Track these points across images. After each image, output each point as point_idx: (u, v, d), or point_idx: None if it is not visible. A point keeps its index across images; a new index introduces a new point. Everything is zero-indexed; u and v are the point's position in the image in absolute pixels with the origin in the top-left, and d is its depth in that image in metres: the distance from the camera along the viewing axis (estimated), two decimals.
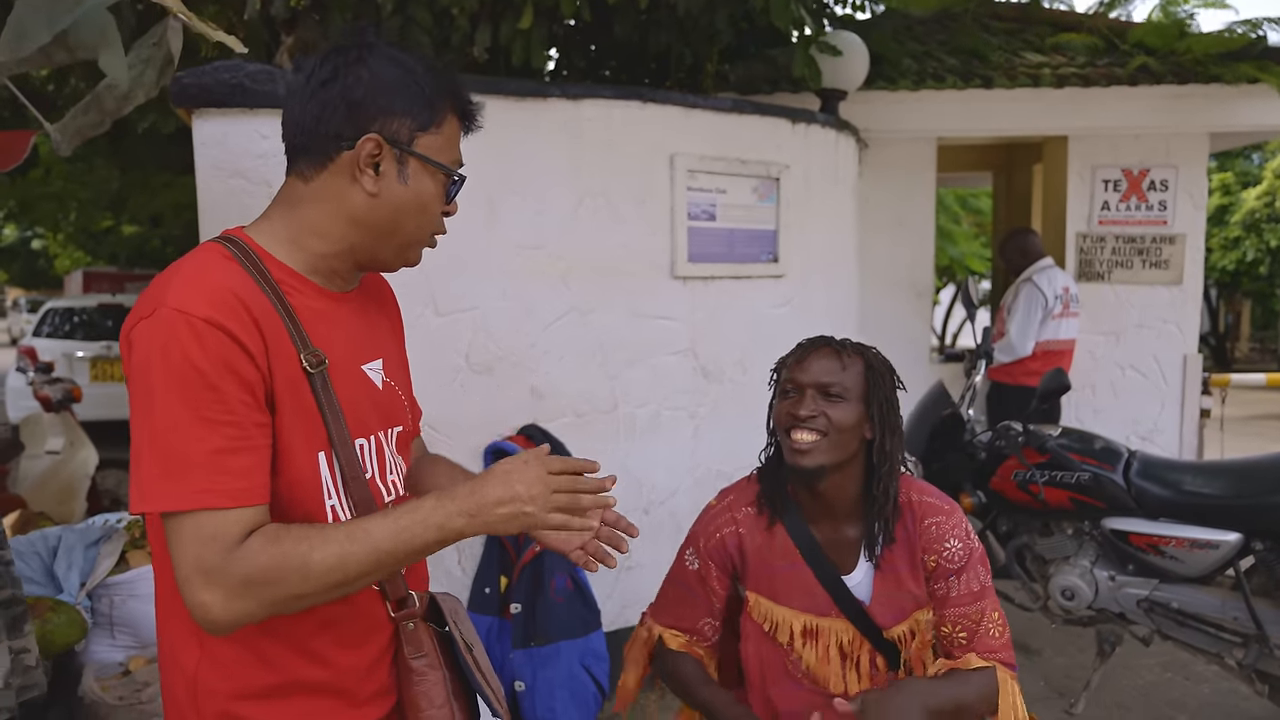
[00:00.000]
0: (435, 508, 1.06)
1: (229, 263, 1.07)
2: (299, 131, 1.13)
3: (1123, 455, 3.10)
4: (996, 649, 1.61)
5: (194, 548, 0.97)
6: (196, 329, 0.99)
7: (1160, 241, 4.99)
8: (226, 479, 0.99)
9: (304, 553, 1.00)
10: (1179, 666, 3.52)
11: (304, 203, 1.14)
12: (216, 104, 2.71)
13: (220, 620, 0.98)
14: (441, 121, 1.16)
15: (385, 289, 1.37)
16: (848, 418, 1.56)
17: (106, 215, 11.09)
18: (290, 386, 1.07)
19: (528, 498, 1.07)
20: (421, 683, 1.21)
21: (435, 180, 1.16)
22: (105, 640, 2.68)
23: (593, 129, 3.10)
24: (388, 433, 1.23)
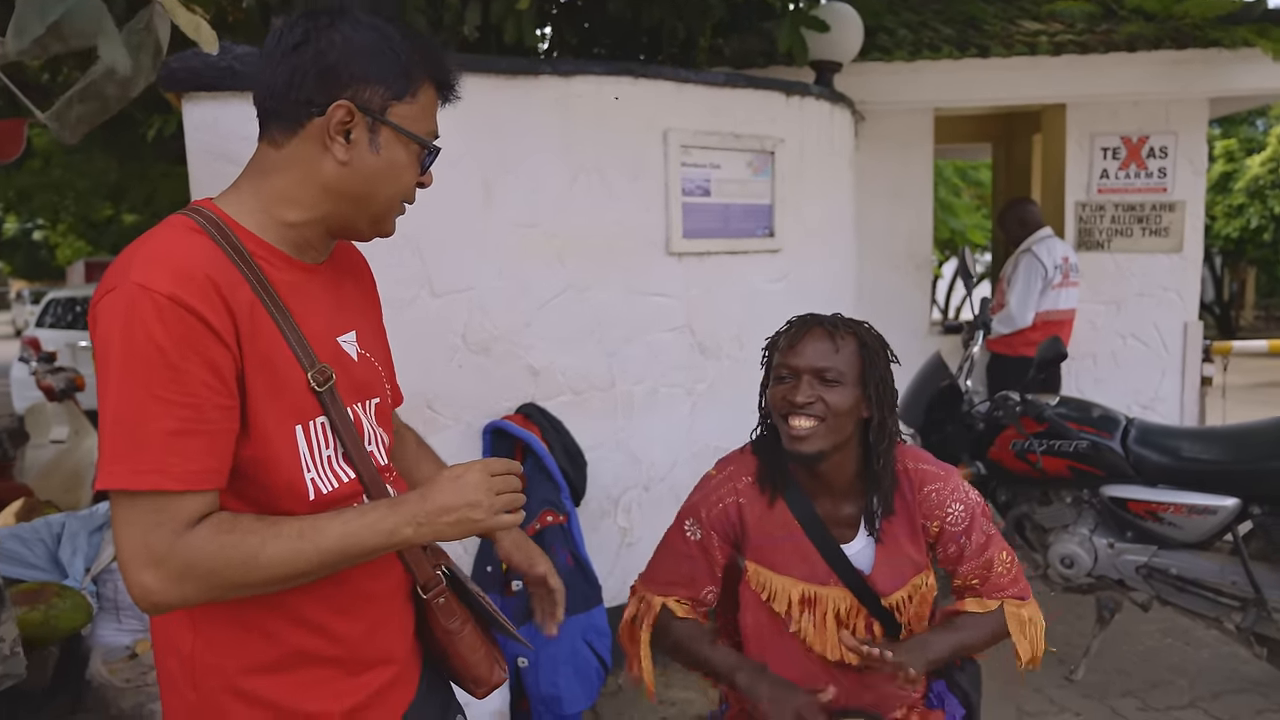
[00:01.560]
0: (385, 515, 1.07)
1: (197, 235, 1.05)
2: (269, 95, 1.11)
3: (1121, 423, 3.11)
4: (1005, 586, 1.66)
5: (140, 529, 0.97)
6: (159, 306, 0.97)
7: (1160, 209, 4.96)
8: (178, 461, 0.97)
9: (253, 545, 1.00)
10: (1179, 632, 3.54)
11: (274, 170, 1.12)
12: (206, 88, 2.71)
13: (157, 602, 0.98)
14: (417, 91, 1.14)
15: (359, 260, 1.36)
16: (845, 401, 1.55)
17: (106, 205, 11.07)
18: (263, 364, 1.06)
19: (474, 503, 1.09)
20: (460, 640, 1.30)
21: (409, 150, 1.15)
22: (111, 624, 2.71)
23: (585, 105, 3.08)
24: (365, 404, 1.22)
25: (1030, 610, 1.67)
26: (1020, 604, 1.66)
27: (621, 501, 3.30)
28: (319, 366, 1.11)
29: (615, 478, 3.27)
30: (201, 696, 1.11)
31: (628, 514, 3.31)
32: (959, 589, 1.69)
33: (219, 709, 1.11)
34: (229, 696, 1.10)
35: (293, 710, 1.13)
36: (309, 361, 1.10)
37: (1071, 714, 2.99)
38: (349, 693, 1.17)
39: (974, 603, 1.67)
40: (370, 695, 1.20)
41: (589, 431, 3.13)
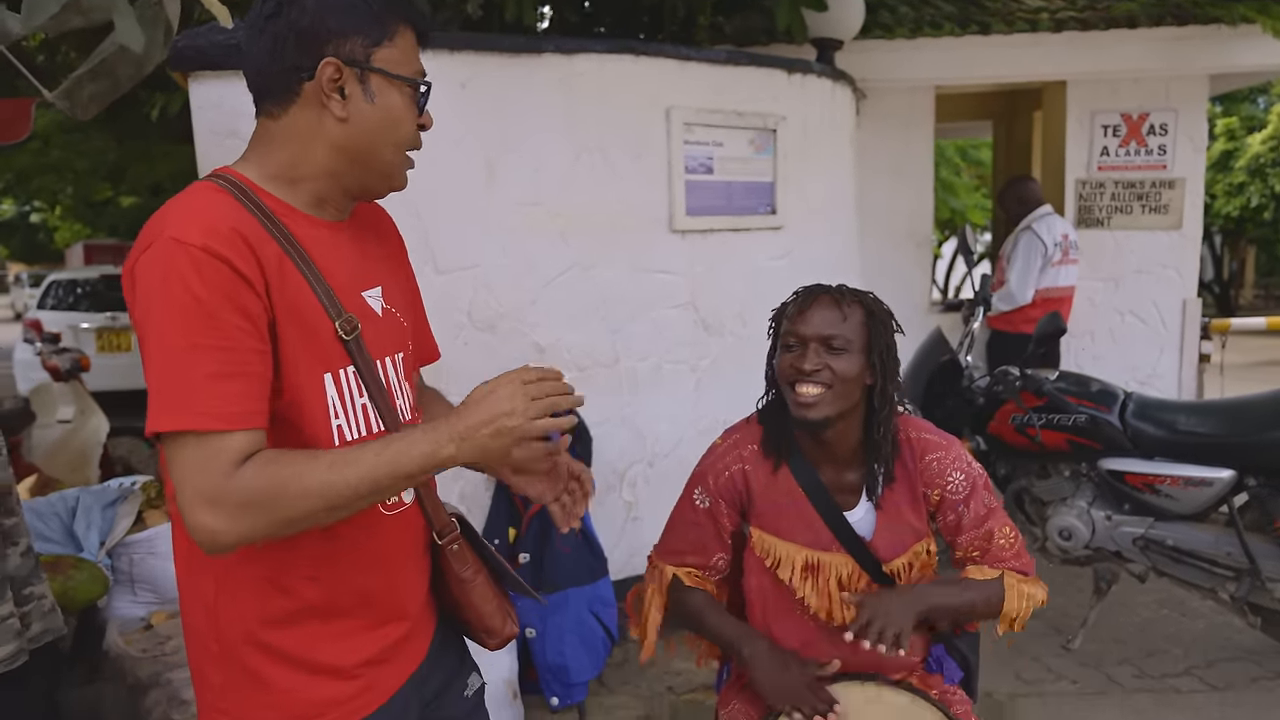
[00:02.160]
0: (423, 436, 1.08)
1: (222, 194, 1.09)
2: (257, 72, 1.15)
3: (1119, 397, 3.14)
4: (1007, 559, 1.67)
5: (193, 470, 1.00)
6: (194, 258, 1.01)
7: (1160, 186, 4.98)
8: (222, 403, 1.01)
9: (300, 476, 1.03)
10: (1175, 603, 3.59)
11: (278, 141, 1.15)
12: (212, 66, 2.73)
13: (221, 542, 1.02)
14: (394, 34, 1.16)
15: (384, 220, 1.38)
16: (851, 368, 1.58)
17: (105, 186, 11.06)
18: (292, 312, 1.09)
19: (509, 411, 1.08)
20: (474, 589, 1.34)
21: (402, 93, 1.17)
22: (126, 597, 2.75)
23: (587, 84, 3.10)
24: (391, 358, 1.25)
25: (1032, 587, 1.68)
26: (1022, 578, 1.67)
27: (627, 476, 3.34)
28: (345, 316, 1.14)
29: (620, 453, 3.31)
30: (224, 648, 1.15)
31: (633, 489, 3.35)
32: (959, 561, 1.71)
33: (240, 659, 1.15)
34: (249, 648, 1.15)
35: (310, 662, 1.17)
36: (335, 311, 1.14)
37: (1069, 682, 3.05)
38: (364, 646, 1.21)
39: (975, 569, 1.68)
40: (384, 649, 1.24)
41: (594, 408, 3.17)
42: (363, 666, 1.21)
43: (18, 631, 1.66)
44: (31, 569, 1.75)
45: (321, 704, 1.18)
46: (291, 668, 1.16)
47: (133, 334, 9.18)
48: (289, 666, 1.16)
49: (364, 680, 1.22)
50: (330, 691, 1.19)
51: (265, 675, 1.15)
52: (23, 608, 1.69)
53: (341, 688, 1.19)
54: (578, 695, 2.84)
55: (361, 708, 1.21)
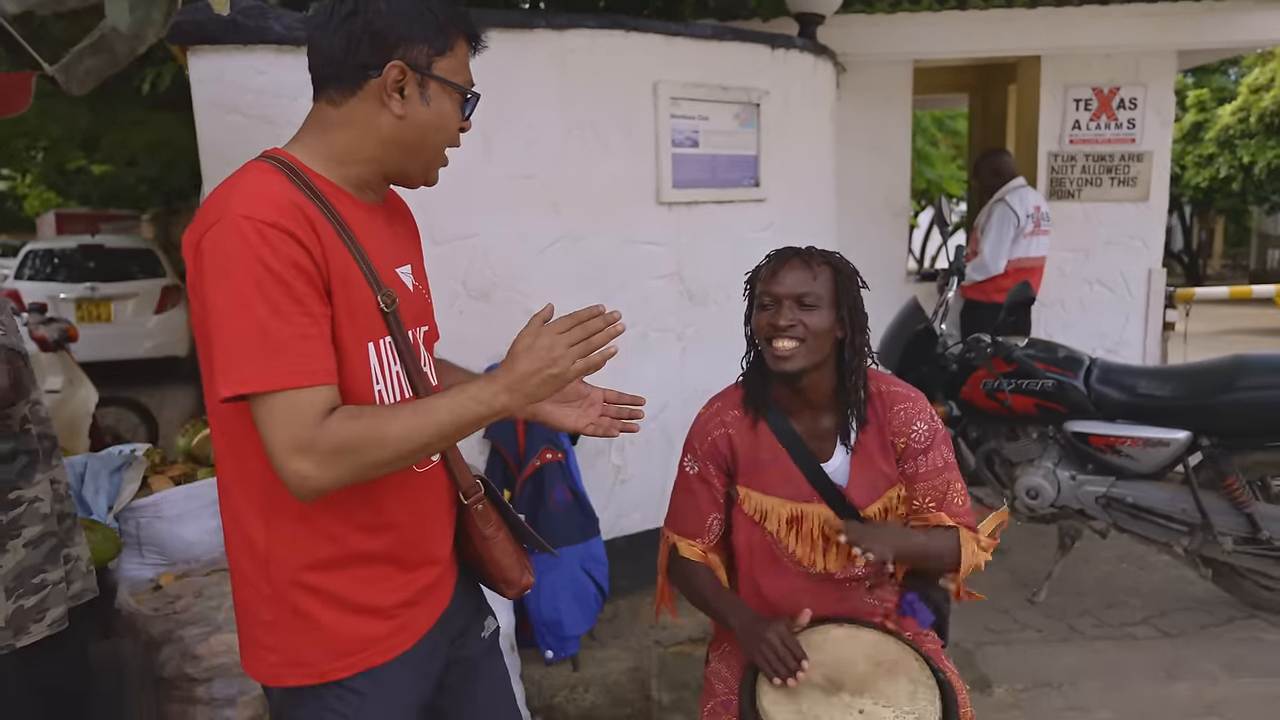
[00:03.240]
0: (483, 387, 1.20)
1: (277, 175, 1.20)
2: (327, 62, 1.25)
3: (1084, 362, 3.31)
4: (960, 514, 1.81)
5: (287, 423, 1.11)
6: (264, 232, 1.11)
7: (1128, 159, 5.13)
8: (308, 361, 1.12)
9: (381, 425, 1.15)
10: (1134, 558, 3.80)
11: (335, 126, 1.26)
12: (211, 41, 2.78)
13: (314, 486, 1.13)
14: (454, 45, 1.28)
15: (402, 204, 1.51)
16: (822, 323, 1.71)
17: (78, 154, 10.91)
18: (342, 284, 1.20)
19: (552, 360, 1.20)
20: (495, 545, 1.46)
21: (453, 100, 1.29)
22: (135, 559, 2.85)
23: (578, 59, 3.17)
24: (418, 331, 1.37)
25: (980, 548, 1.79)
26: (972, 535, 1.80)
27: (615, 442, 3.46)
28: (386, 290, 1.26)
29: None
30: (275, 590, 1.27)
31: (621, 453, 3.48)
32: (916, 510, 1.82)
33: (289, 600, 1.27)
34: (298, 589, 1.26)
35: (352, 601, 1.29)
36: (377, 285, 1.25)
37: (1034, 631, 3.24)
38: (400, 588, 1.34)
39: (933, 516, 1.80)
40: (417, 591, 1.37)
41: None
42: (399, 608, 1.34)
43: (65, 594, 1.76)
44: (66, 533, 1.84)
45: (363, 640, 1.30)
46: (336, 608, 1.28)
47: (113, 304, 9.11)
48: (334, 607, 1.28)
49: (400, 620, 1.34)
50: (371, 630, 1.31)
51: (313, 614, 1.27)
52: (65, 566, 1.79)
53: (381, 626, 1.32)
54: (571, 648, 2.99)
55: (398, 645, 1.34)
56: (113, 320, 8.87)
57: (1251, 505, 3.07)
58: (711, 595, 1.82)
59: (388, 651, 1.33)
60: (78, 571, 1.84)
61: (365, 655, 1.31)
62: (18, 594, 1.63)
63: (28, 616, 1.64)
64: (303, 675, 1.29)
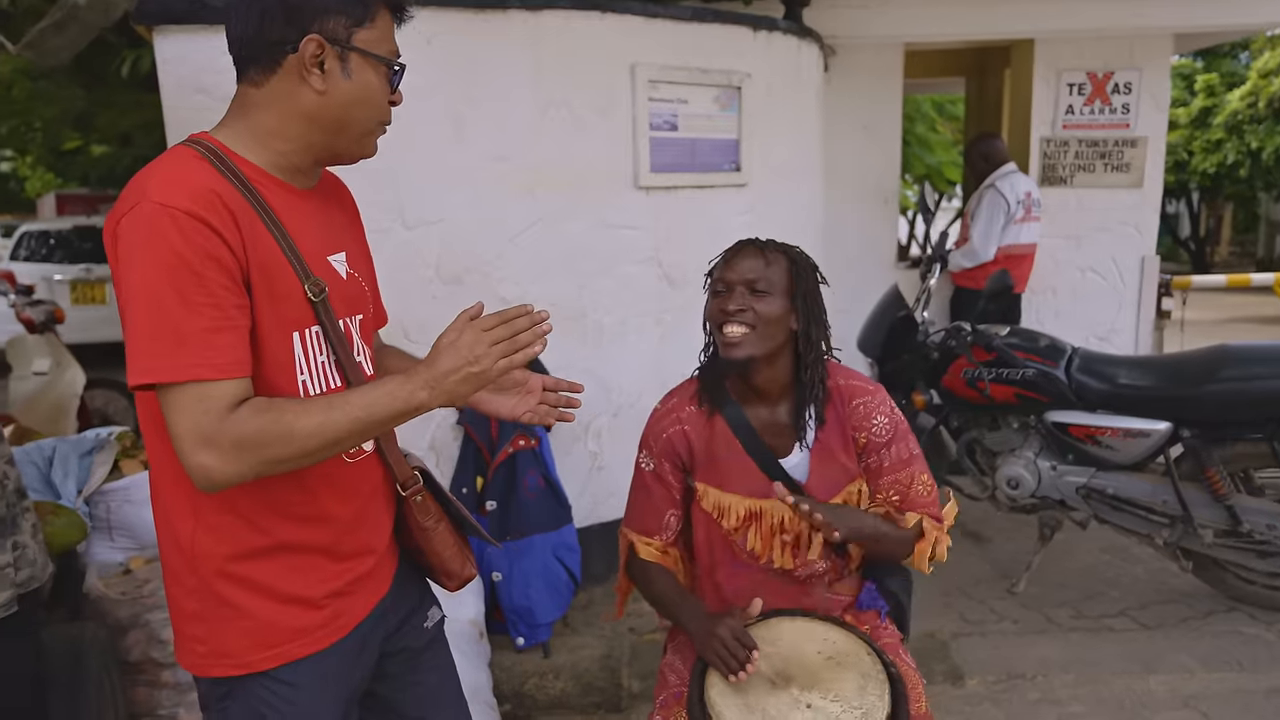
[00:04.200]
0: (401, 384, 1.18)
1: (200, 160, 1.17)
2: (243, 42, 1.22)
3: (1066, 352, 3.27)
4: (926, 504, 1.78)
5: (191, 415, 1.09)
6: (178, 221, 1.08)
7: (1122, 145, 5.06)
8: (214, 354, 1.10)
9: (289, 420, 1.12)
10: (1117, 550, 3.77)
11: (258, 107, 1.23)
12: (176, 20, 2.74)
13: (217, 480, 1.11)
14: (374, 15, 1.24)
15: (342, 188, 1.47)
16: (773, 310, 1.68)
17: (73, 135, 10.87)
18: (264, 274, 1.17)
19: (472, 358, 1.18)
20: (435, 537, 1.45)
21: (378, 72, 1.25)
22: (105, 543, 2.84)
23: (553, 40, 3.12)
24: (352, 319, 1.34)
25: (943, 534, 1.78)
26: (936, 524, 1.78)
27: (592, 427, 3.44)
28: (314, 279, 1.23)
29: (586, 405, 3.37)
30: (200, 580, 1.25)
31: (598, 439, 3.46)
32: (881, 503, 1.79)
33: (215, 590, 1.25)
34: (223, 579, 1.24)
35: (280, 592, 1.27)
36: (304, 274, 1.22)
37: (1010, 622, 3.21)
38: (331, 578, 1.32)
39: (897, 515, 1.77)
40: (349, 582, 1.35)
41: (560, 360, 3.24)
42: (329, 598, 1.32)
43: (12, 580, 1.75)
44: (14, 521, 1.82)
45: (291, 631, 1.29)
46: (264, 598, 1.26)
47: (108, 286, 9.12)
48: (262, 596, 1.26)
49: (331, 610, 1.32)
50: (300, 620, 1.29)
51: (239, 604, 1.25)
52: (13, 553, 1.78)
53: (310, 616, 1.30)
54: (542, 635, 2.98)
55: (328, 635, 1.32)
56: (107, 302, 8.87)
57: (1232, 497, 3.04)
58: (668, 598, 1.80)
59: (318, 642, 1.31)
60: (25, 559, 1.82)
61: (294, 646, 1.29)
62: None
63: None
64: (229, 666, 1.28)
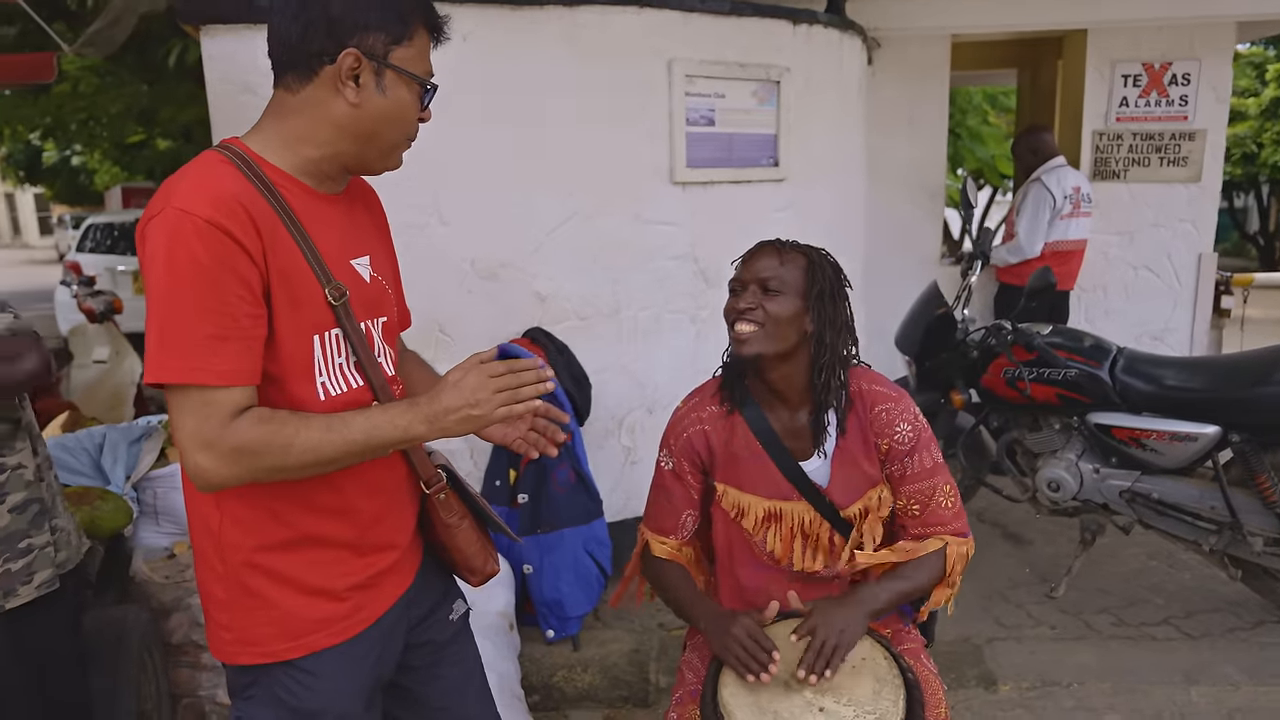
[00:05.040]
0: (402, 413, 1.22)
1: (228, 167, 1.21)
2: (283, 48, 1.25)
3: (1110, 352, 3.18)
4: (947, 520, 1.75)
5: (192, 418, 1.14)
6: (199, 228, 1.12)
7: (1180, 138, 4.90)
8: (220, 361, 1.14)
9: (288, 434, 1.16)
10: (1163, 556, 3.66)
11: (292, 113, 1.26)
12: (221, 19, 2.81)
13: (213, 481, 1.16)
14: (413, 35, 1.27)
15: (370, 193, 1.50)
16: (784, 310, 1.66)
17: (137, 129, 11.22)
18: (284, 279, 1.21)
19: (474, 402, 1.22)
20: (458, 534, 1.48)
21: (410, 90, 1.28)
22: (151, 528, 2.94)
23: (590, 36, 3.13)
24: (374, 322, 1.37)
25: (969, 548, 1.75)
26: (962, 541, 1.75)
27: (626, 422, 3.45)
28: (335, 284, 1.26)
29: (620, 400, 3.42)
30: (228, 569, 1.29)
31: (631, 434, 3.47)
32: (900, 512, 1.77)
33: (241, 580, 1.29)
34: (249, 570, 1.29)
35: (303, 583, 1.31)
36: (325, 278, 1.25)
37: (1047, 627, 3.15)
38: (354, 572, 1.35)
39: (914, 546, 1.73)
40: (371, 576, 1.38)
41: (595, 355, 3.27)
42: (352, 590, 1.35)
43: (52, 559, 1.82)
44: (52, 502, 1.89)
45: (315, 622, 1.32)
46: (288, 589, 1.30)
47: None
48: (286, 587, 1.30)
49: (353, 602, 1.36)
50: (323, 611, 1.33)
51: (264, 594, 1.29)
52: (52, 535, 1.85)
53: (333, 608, 1.34)
54: (572, 628, 3.01)
55: (351, 627, 1.36)
56: None
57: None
58: (683, 597, 1.80)
59: (340, 634, 1.35)
60: (63, 541, 1.89)
61: (317, 636, 1.33)
62: (4, 557, 1.68)
63: (15, 579, 1.70)
64: (254, 654, 1.32)
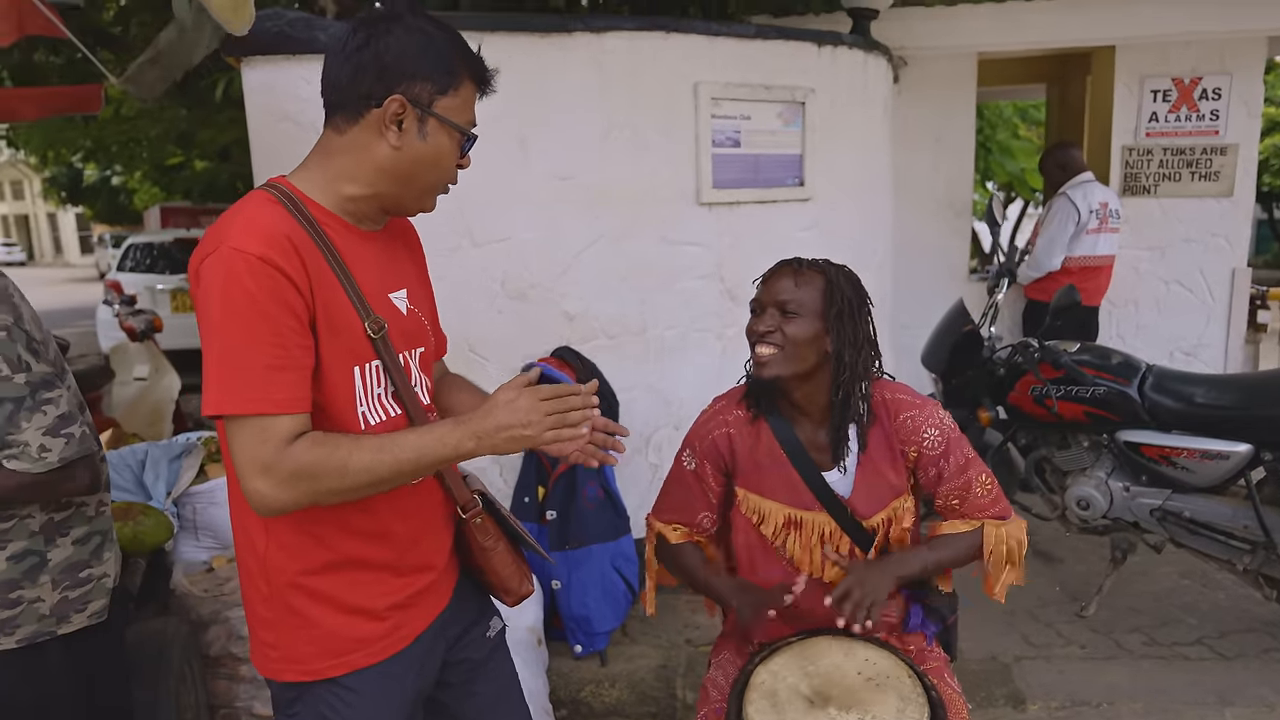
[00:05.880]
0: (451, 430, 1.27)
1: (275, 206, 1.27)
2: (335, 89, 1.31)
3: (1139, 369, 3.17)
4: (986, 506, 1.79)
5: (251, 446, 1.19)
6: (251, 265, 1.18)
7: (1211, 153, 4.87)
8: (274, 390, 1.19)
9: (343, 456, 1.22)
10: (1197, 574, 3.62)
11: (338, 153, 1.32)
12: (262, 52, 2.90)
13: (272, 506, 1.21)
14: (459, 86, 1.32)
15: (409, 229, 1.56)
16: (802, 332, 1.69)
17: (176, 151, 11.50)
18: (328, 312, 1.26)
19: (525, 423, 1.26)
20: (494, 556, 1.53)
21: (451, 138, 1.34)
22: (191, 542, 3.02)
23: (617, 61, 3.19)
24: (412, 352, 1.43)
25: (1011, 527, 1.79)
26: (1000, 522, 1.79)
27: (653, 440, 3.49)
28: (374, 317, 1.32)
29: (647, 418, 3.46)
30: (272, 589, 1.35)
31: (658, 452, 3.50)
32: (940, 509, 1.82)
33: (285, 600, 1.35)
34: (293, 591, 1.34)
35: (345, 603, 1.36)
36: (365, 312, 1.31)
37: (1077, 646, 3.13)
38: (393, 591, 1.40)
39: (951, 525, 1.80)
40: (410, 596, 1.43)
41: (622, 374, 3.31)
42: (391, 610, 1.40)
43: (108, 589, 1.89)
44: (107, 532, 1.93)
45: (356, 641, 1.38)
46: (330, 609, 1.35)
47: None
48: (328, 607, 1.35)
49: (393, 621, 1.41)
50: (364, 630, 1.38)
51: (307, 614, 1.35)
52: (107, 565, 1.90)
53: (373, 627, 1.39)
54: (599, 644, 3.04)
55: (391, 646, 1.41)
56: None
57: None
58: (699, 571, 1.86)
59: (381, 652, 1.40)
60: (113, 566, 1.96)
61: (358, 655, 1.38)
62: (64, 585, 1.74)
63: (71, 606, 1.76)
64: (299, 671, 1.37)
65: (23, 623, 1.65)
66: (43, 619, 1.68)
